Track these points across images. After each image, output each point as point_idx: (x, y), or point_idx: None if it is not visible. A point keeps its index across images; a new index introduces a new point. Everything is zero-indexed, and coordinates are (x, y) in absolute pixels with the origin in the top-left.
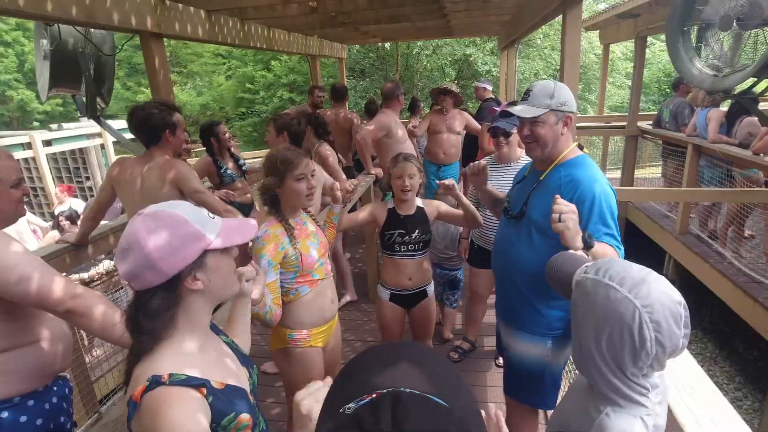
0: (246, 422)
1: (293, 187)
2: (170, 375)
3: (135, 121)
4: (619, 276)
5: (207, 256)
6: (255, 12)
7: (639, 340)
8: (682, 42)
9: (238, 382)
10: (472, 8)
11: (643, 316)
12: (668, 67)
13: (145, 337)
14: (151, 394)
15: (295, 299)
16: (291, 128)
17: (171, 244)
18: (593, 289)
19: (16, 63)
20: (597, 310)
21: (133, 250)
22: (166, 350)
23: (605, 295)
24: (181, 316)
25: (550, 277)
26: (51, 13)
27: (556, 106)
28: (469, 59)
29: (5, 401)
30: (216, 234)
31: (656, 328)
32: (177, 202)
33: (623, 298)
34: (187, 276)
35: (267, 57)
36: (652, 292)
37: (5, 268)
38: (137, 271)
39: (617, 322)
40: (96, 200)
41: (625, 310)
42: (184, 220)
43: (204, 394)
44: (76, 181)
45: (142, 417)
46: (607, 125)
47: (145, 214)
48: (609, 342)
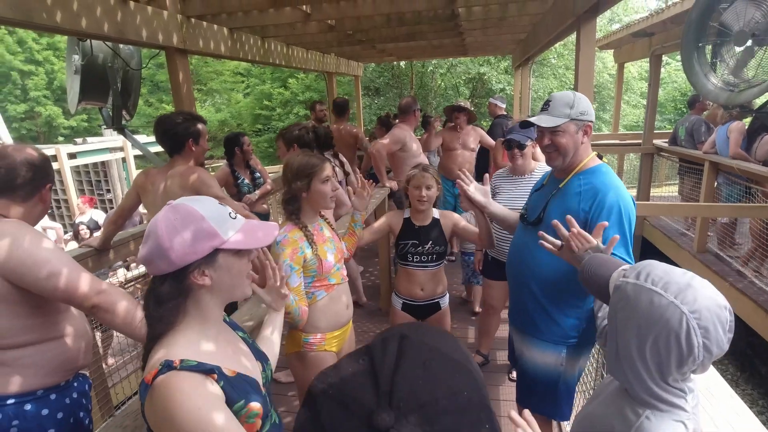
0: (256, 410)
1: (320, 190)
2: (181, 361)
3: (160, 129)
4: (662, 281)
5: (219, 254)
6: (275, 30)
7: (687, 346)
8: (697, 58)
9: (251, 374)
10: (488, 26)
11: (690, 322)
12: (684, 86)
13: (156, 322)
14: (162, 378)
15: (311, 303)
16: (300, 140)
17: (183, 237)
18: (635, 294)
19: (46, 81)
20: (640, 316)
21: (151, 237)
22: (178, 338)
23: (649, 301)
24: (191, 307)
25: (584, 281)
26: (85, 29)
27: (576, 115)
28: (483, 78)
29: (29, 394)
30: (232, 234)
31: (704, 335)
32: (202, 198)
33: (669, 303)
34: (195, 270)
35: (284, 75)
36: (698, 298)
37: (36, 263)
38: (151, 256)
39: (663, 329)
40: (120, 206)
41: (672, 316)
42: (200, 216)
43: (215, 380)
44: (97, 193)
45: (153, 400)
46: (622, 143)
47: (170, 206)
48: (653, 349)
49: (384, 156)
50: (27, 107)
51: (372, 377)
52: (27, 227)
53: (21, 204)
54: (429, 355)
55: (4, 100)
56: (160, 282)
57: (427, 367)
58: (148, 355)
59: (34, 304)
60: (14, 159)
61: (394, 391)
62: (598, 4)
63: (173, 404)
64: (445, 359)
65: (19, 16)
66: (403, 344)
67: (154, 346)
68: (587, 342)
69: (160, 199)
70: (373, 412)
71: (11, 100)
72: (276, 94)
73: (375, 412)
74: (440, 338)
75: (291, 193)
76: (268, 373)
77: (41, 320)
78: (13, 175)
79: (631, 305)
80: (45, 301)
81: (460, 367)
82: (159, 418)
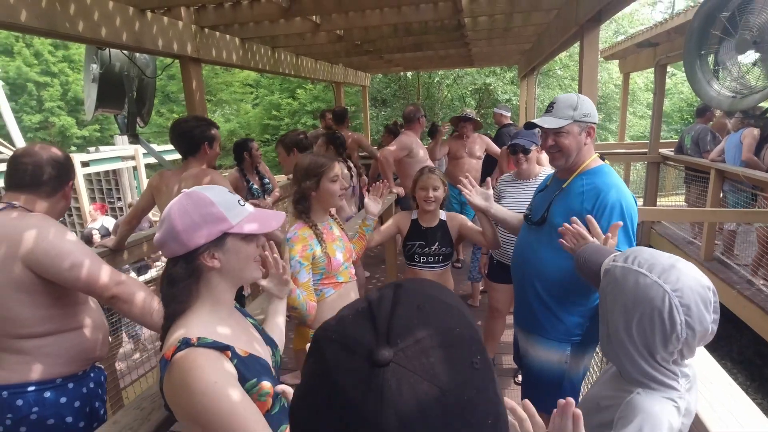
0: (267, 389)
1: (329, 188)
2: (198, 338)
3: (176, 132)
4: (648, 263)
5: (227, 238)
6: (285, 40)
7: (669, 323)
8: (699, 65)
9: (262, 356)
10: (493, 36)
11: (673, 300)
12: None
13: (170, 301)
14: (181, 354)
15: (320, 300)
16: (300, 144)
17: (193, 220)
18: (622, 276)
19: (60, 92)
20: (627, 296)
21: (165, 221)
22: (193, 318)
23: (635, 281)
24: (203, 288)
25: (579, 267)
26: (105, 38)
27: (579, 117)
28: (489, 88)
29: (48, 381)
30: (240, 220)
31: (686, 312)
32: (213, 186)
33: (653, 283)
34: (205, 252)
35: (293, 86)
36: (681, 277)
37: (60, 254)
38: (165, 239)
39: (647, 307)
40: (134, 207)
41: (655, 295)
42: (210, 201)
43: (229, 357)
44: (108, 201)
45: (172, 375)
46: (628, 152)
47: (185, 193)
48: (639, 327)
49: (391, 162)
50: (42, 117)
51: (370, 320)
52: (51, 221)
53: (45, 199)
54: (422, 299)
55: (20, 110)
56: (173, 264)
57: (421, 309)
58: (165, 335)
59: (55, 295)
60: (41, 157)
61: (390, 331)
62: (601, 12)
63: (190, 378)
64: (437, 302)
65: (45, 26)
66: (398, 292)
67: (170, 326)
68: (591, 340)
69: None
70: (373, 349)
71: (27, 111)
72: (284, 104)
73: (375, 350)
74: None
75: (301, 192)
76: (278, 357)
77: (62, 311)
78: (39, 172)
79: (618, 287)
80: (65, 293)
81: (452, 309)
82: (176, 392)
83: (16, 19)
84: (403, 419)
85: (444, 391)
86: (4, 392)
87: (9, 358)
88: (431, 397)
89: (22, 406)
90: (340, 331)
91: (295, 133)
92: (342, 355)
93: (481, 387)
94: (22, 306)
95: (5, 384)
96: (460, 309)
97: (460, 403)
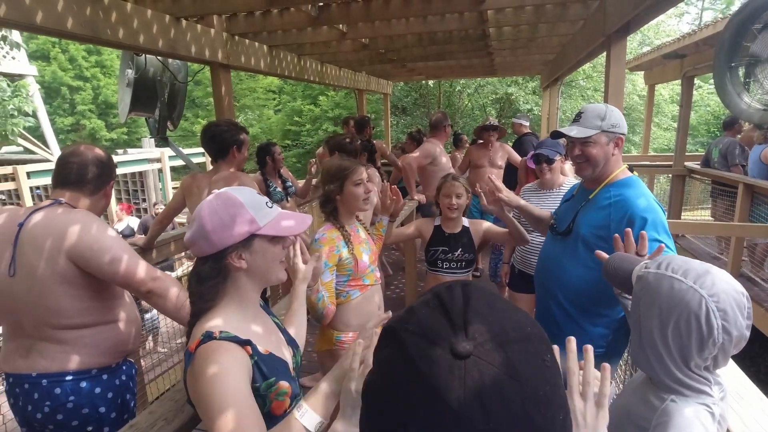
0: (285, 389)
1: (352, 192)
2: (221, 332)
3: (208, 134)
4: (681, 269)
5: (255, 239)
6: (311, 48)
7: (707, 328)
8: (729, 77)
9: (282, 356)
10: (517, 47)
11: (709, 304)
12: (717, 109)
13: (198, 299)
14: (204, 346)
15: (345, 302)
16: (344, 147)
17: (223, 221)
18: (656, 282)
19: (92, 96)
20: (662, 301)
21: (196, 221)
22: (218, 314)
23: (669, 286)
24: (230, 287)
25: (608, 274)
26: (142, 45)
27: (608, 127)
28: (510, 98)
29: (85, 372)
30: (268, 221)
31: (723, 317)
32: (243, 187)
33: (688, 288)
34: (233, 253)
35: (315, 92)
36: (716, 282)
37: (101, 249)
38: (195, 238)
39: (684, 311)
40: (167, 206)
41: (692, 299)
42: (239, 202)
43: (249, 353)
44: (134, 202)
45: (194, 366)
46: (652, 164)
47: (215, 193)
48: (675, 331)
49: (414, 169)
50: (73, 120)
51: (445, 315)
52: (94, 217)
53: (89, 197)
54: (491, 297)
55: (53, 113)
56: (202, 262)
57: (492, 306)
58: (191, 331)
59: (95, 288)
60: (86, 156)
61: (467, 326)
62: (629, 24)
63: (210, 367)
64: (505, 302)
65: (89, 33)
66: (466, 290)
67: (196, 322)
68: (616, 353)
69: None
70: (453, 342)
71: (60, 114)
72: (306, 110)
73: (455, 342)
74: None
75: (326, 195)
76: (298, 359)
77: (100, 304)
78: (84, 171)
79: (652, 292)
80: (105, 286)
81: (518, 309)
82: (197, 382)
83: (63, 26)
84: (486, 408)
85: (523, 385)
86: (44, 380)
87: (50, 347)
88: (512, 389)
89: (60, 394)
90: (416, 323)
91: (341, 137)
92: (423, 344)
93: (553, 383)
94: (65, 297)
95: (45, 372)
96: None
97: (537, 396)
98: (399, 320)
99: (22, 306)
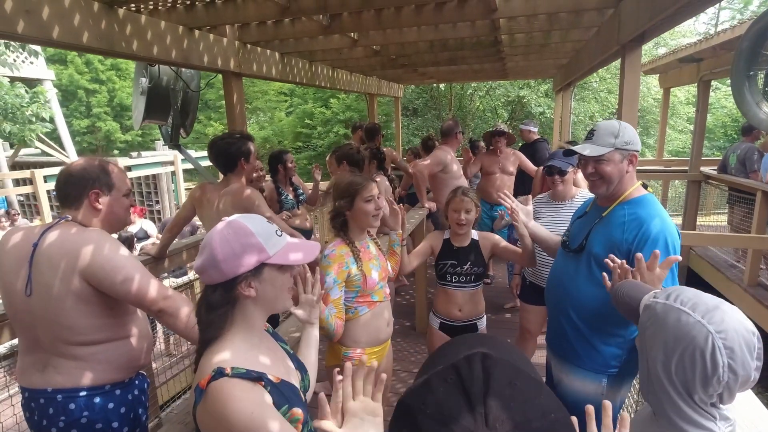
0: (298, 416)
1: (362, 208)
2: (232, 368)
3: (214, 151)
4: (691, 302)
5: (264, 268)
6: (323, 54)
7: (711, 365)
8: (748, 86)
9: (292, 382)
10: (530, 52)
11: (716, 341)
12: (734, 112)
13: (207, 327)
14: (216, 384)
15: (354, 318)
16: (350, 157)
17: (234, 250)
18: (663, 313)
19: (107, 98)
20: (667, 334)
21: (206, 249)
22: (227, 344)
23: (676, 319)
24: (238, 315)
25: (616, 301)
26: (156, 56)
27: (621, 144)
28: (522, 101)
29: (98, 388)
30: (277, 250)
31: (729, 355)
32: (254, 216)
33: (696, 322)
34: (242, 281)
35: (326, 95)
36: (726, 319)
37: (114, 268)
38: (205, 267)
39: (689, 345)
40: (176, 216)
41: (698, 334)
42: (250, 231)
43: (263, 386)
44: (147, 204)
45: (207, 404)
46: (667, 169)
47: (226, 221)
48: (679, 365)
49: (425, 177)
50: (89, 122)
51: (465, 396)
52: (107, 236)
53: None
54: (513, 374)
55: (70, 115)
56: (212, 291)
57: (514, 386)
58: (199, 359)
59: (109, 306)
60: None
61: (488, 412)
62: (644, 33)
63: (228, 409)
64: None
65: (105, 46)
66: (486, 363)
67: (204, 350)
68: (629, 372)
69: (215, 214)
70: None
71: (76, 116)
72: (317, 113)
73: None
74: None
75: (336, 211)
76: (307, 383)
77: (114, 320)
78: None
79: (659, 323)
80: (118, 304)
81: (542, 387)
82: (213, 421)
83: (79, 40)
84: None
85: None
86: (59, 396)
87: (65, 363)
88: None
89: (74, 410)
90: (434, 404)
91: (348, 147)
92: None
93: None
94: (79, 315)
95: (60, 388)
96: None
97: None
98: (415, 397)
99: (39, 322)
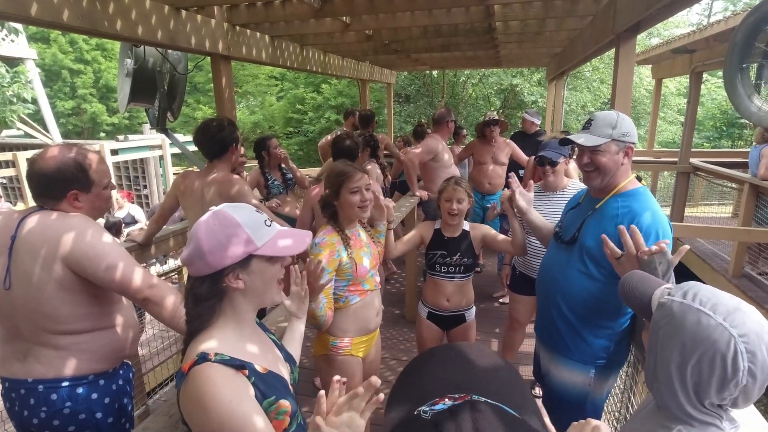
0: (285, 408)
1: (348, 199)
2: (216, 354)
3: (207, 135)
4: (710, 302)
5: (253, 259)
6: (314, 38)
7: (732, 369)
8: (740, 79)
9: (281, 374)
10: (524, 40)
11: (739, 345)
12: (724, 104)
13: (194, 319)
14: (197, 368)
15: (344, 307)
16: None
17: (220, 241)
18: (681, 313)
19: (93, 79)
20: (685, 335)
21: (193, 240)
22: (214, 333)
23: (696, 321)
24: (227, 307)
25: (624, 295)
26: (141, 36)
27: (618, 136)
28: (515, 89)
29: (81, 378)
30: (266, 241)
31: (751, 359)
32: (241, 205)
33: (717, 325)
34: (230, 273)
35: (318, 80)
36: (747, 322)
37: (98, 255)
38: (192, 258)
39: (709, 349)
40: (161, 206)
41: (720, 337)
42: (236, 223)
43: (246, 375)
44: (135, 189)
45: (187, 388)
46: (657, 160)
47: (212, 212)
48: (696, 368)
49: (416, 165)
50: (74, 104)
51: None
52: (90, 222)
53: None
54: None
55: (54, 96)
56: (199, 283)
57: None
58: (186, 350)
59: (92, 294)
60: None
61: None
62: (639, 23)
63: (205, 393)
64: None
65: (86, 25)
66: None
67: (191, 341)
68: (616, 363)
69: (200, 206)
70: None
71: (60, 97)
72: (309, 98)
73: None
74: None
75: (324, 200)
76: (296, 375)
77: (97, 309)
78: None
79: (676, 323)
80: (102, 292)
81: None
82: (192, 406)
83: (59, 18)
84: None
85: None
86: (40, 386)
87: (47, 353)
88: None
89: (56, 400)
90: None
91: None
92: None
93: None
94: (62, 303)
95: (42, 378)
96: None
97: None
98: None
99: (19, 311)
